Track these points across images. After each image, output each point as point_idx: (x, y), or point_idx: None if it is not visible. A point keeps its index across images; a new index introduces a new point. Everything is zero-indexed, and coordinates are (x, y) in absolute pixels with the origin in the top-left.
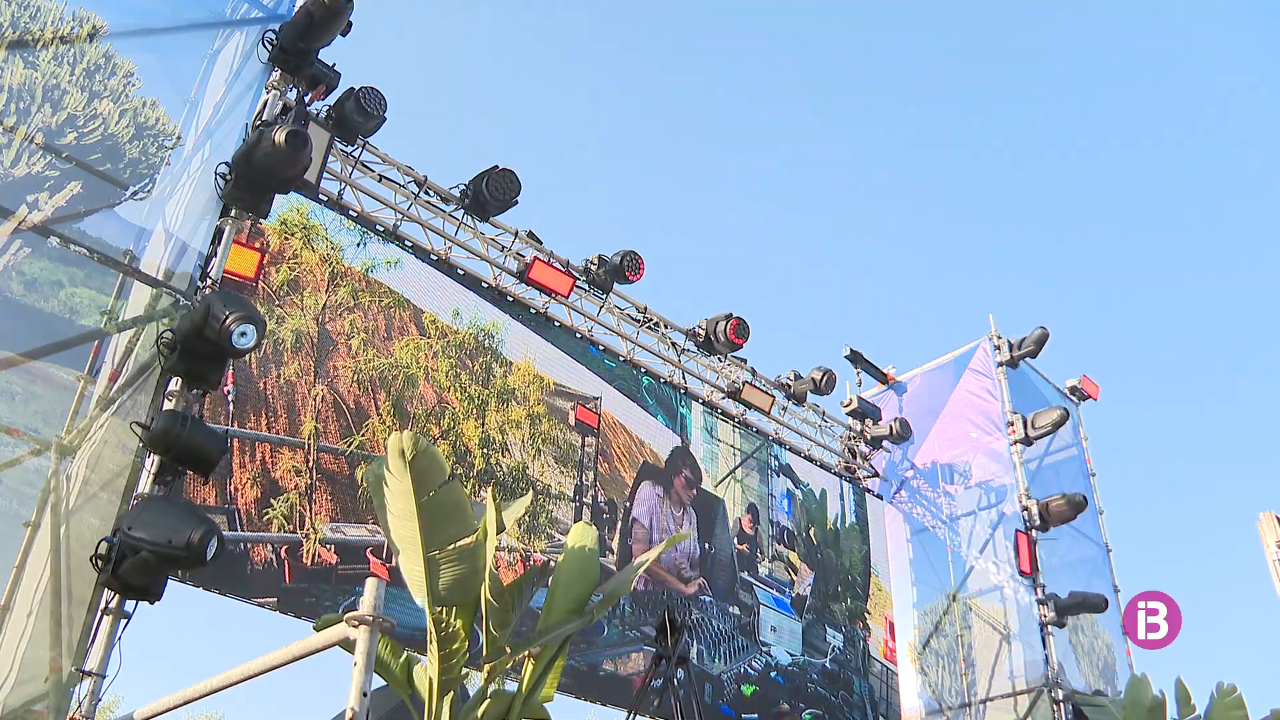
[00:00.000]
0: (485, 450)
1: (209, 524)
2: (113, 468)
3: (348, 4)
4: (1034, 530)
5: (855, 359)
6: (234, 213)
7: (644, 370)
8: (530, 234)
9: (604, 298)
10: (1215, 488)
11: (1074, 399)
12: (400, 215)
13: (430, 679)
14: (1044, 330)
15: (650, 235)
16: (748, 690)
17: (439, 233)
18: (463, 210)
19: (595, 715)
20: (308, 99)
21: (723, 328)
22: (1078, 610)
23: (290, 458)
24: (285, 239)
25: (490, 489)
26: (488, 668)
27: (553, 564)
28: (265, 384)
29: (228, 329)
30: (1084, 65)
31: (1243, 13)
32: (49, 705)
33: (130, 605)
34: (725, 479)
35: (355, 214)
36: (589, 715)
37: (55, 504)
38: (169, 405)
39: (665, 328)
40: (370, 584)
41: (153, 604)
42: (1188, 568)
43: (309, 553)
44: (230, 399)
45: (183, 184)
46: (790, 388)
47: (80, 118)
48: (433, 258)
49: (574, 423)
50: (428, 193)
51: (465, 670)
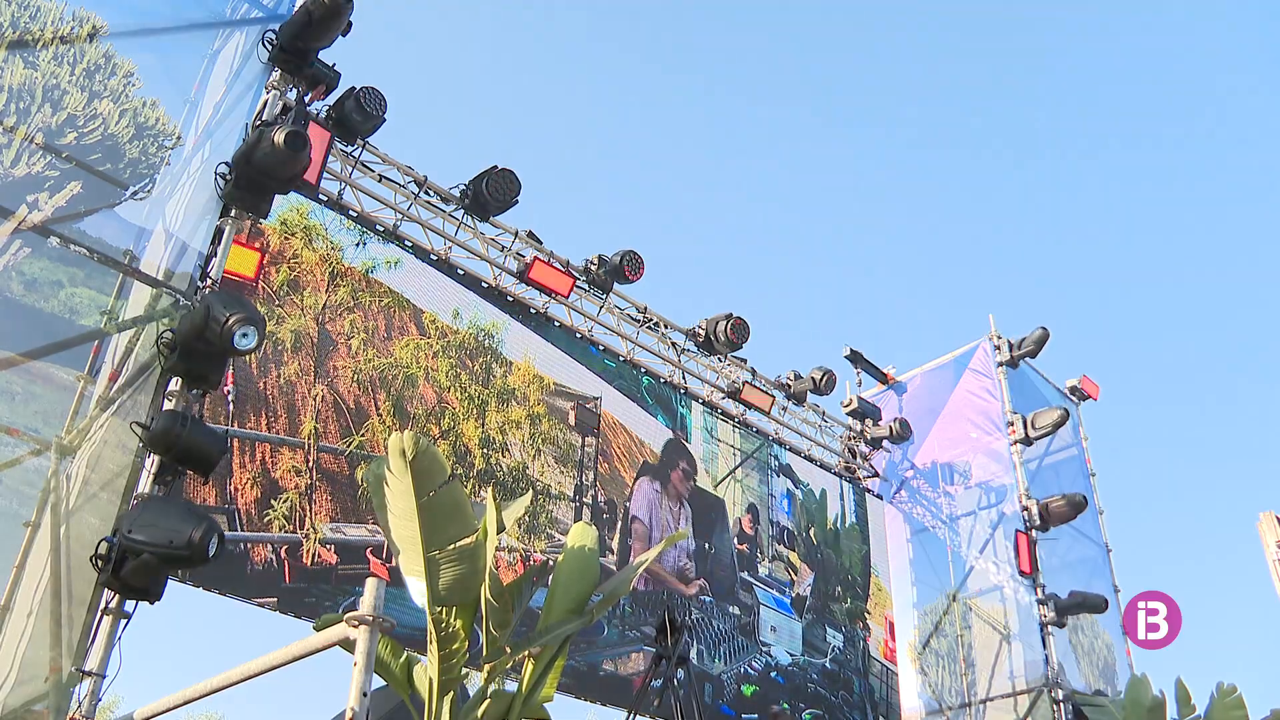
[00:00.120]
0: (485, 450)
1: (209, 521)
2: (113, 468)
3: (347, 4)
4: (1034, 530)
5: (855, 359)
6: (234, 213)
7: (644, 370)
8: (530, 234)
9: (604, 298)
10: (1215, 488)
11: (1074, 399)
12: (400, 215)
13: (430, 679)
14: (1044, 330)
15: (650, 235)
16: (748, 690)
17: (439, 233)
18: (463, 210)
19: (595, 715)
20: (308, 99)
21: (723, 328)
22: (1078, 610)
23: (290, 458)
24: (285, 239)
25: (490, 489)
26: (488, 668)
27: (552, 564)
28: (265, 384)
29: (229, 330)
30: (1084, 65)
31: (1243, 13)
32: (49, 705)
33: (130, 605)
34: (725, 479)
35: (355, 214)
36: (589, 715)
37: (55, 504)
38: (169, 405)
39: (665, 328)
40: (370, 584)
41: (153, 604)
42: (1188, 568)
43: (309, 553)
44: (230, 399)
45: (183, 184)
46: (790, 388)
47: (80, 118)
48: (433, 258)
49: (574, 423)
50: (428, 193)
51: (465, 670)
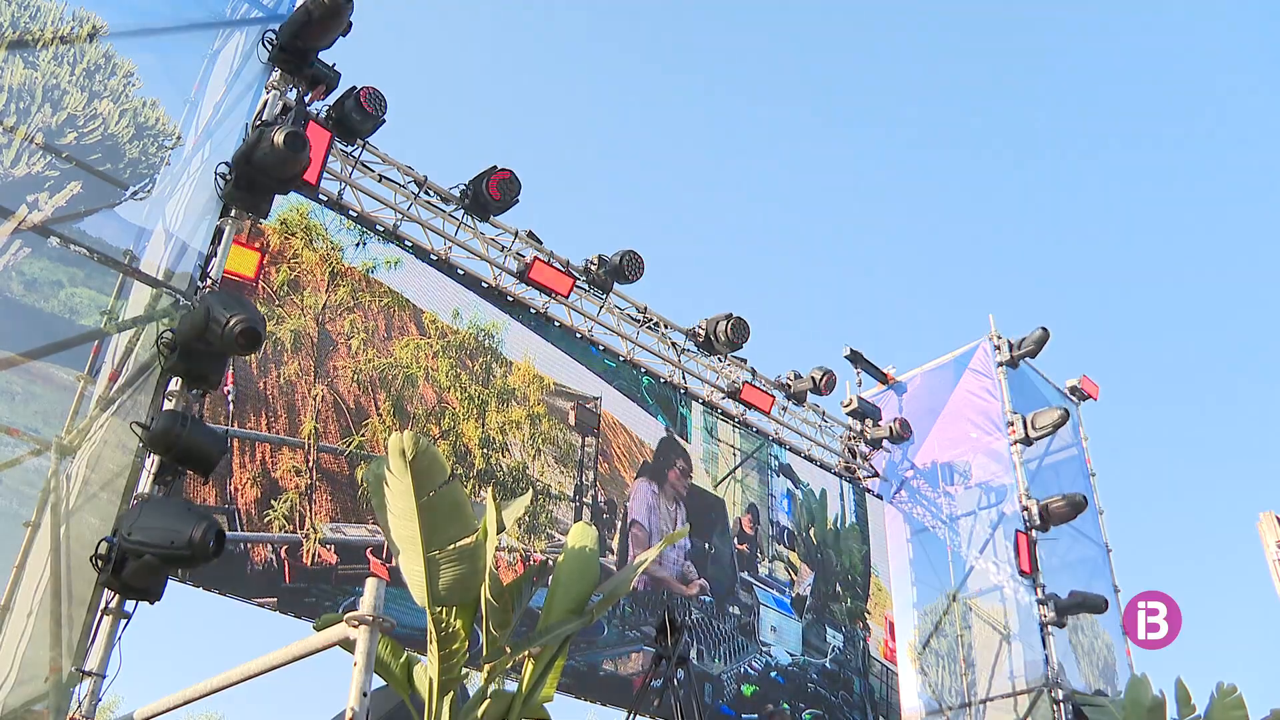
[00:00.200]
0: (485, 450)
1: (208, 518)
2: (113, 468)
3: (347, 4)
4: (1034, 530)
5: (855, 359)
6: (234, 213)
7: (644, 370)
8: (530, 234)
9: (604, 298)
10: (1215, 488)
11: (1074, 399)
12: (400, 215)
13: (430, 679)
14: (1044, 330)
15: (650, 235)
16: (748, 690)
17: (439, 233)
18: (463, 210)
19: (595, 715)
20: (308, 99)
21: (723, 328)
22: (1078, 610)
23: (290, 458)
24: (285, 239)
25: (490, 489)
26: (488, 668)
27: (552, 564)
28: (265, 384)
29: (231, 331)
30: (1084, 65)
31: (1243, 13)
32: (49, 705)
33: (130, 605)
34: (725, 479)
35: (355, 214)
36: (589, 715)
37: (55, 504)
38: (169, 405)
39: (665, 328)
40: (370, 584)
41: (153, 604)
42: (1188, 568)
43: (309, 553)
44: (230, 399)
45: (183, 184)
46: (790, 388)
47: (80, 118)
48: (433, 258)
49: (574, 423)
50: (428, 193)
51: (465, 670)
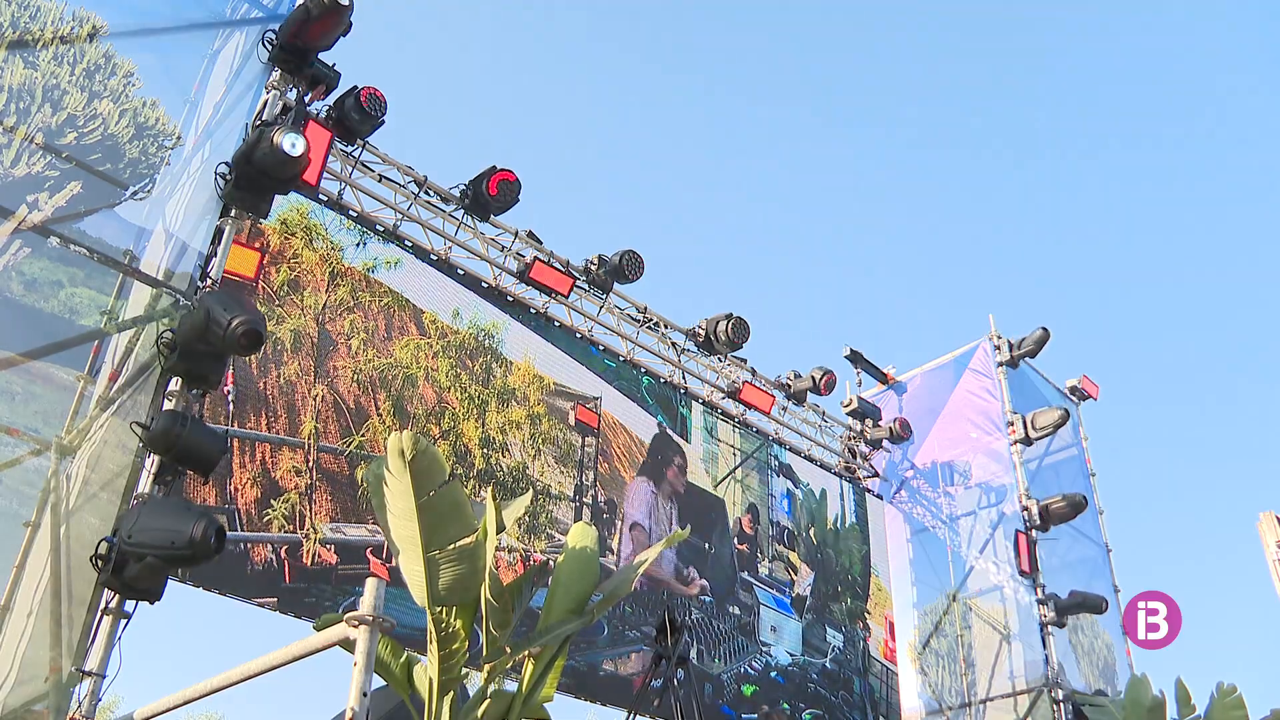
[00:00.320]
0: (485, 450)
1: (207, 515)
2: (113, 468)
3: (347, 4)
4: (1034, 530)
5: (855, 359)
6: (234, 213)
7: (644, 370)
8: (530, 234)
9: (604, 298)
10: (1215, 488)
11: (1074, 399)
12: (400, 215)
13: (430, 679)
14: (1044, 330)
15: (650, 235)
16: (748, 690)
17: (439, 233)
18: (463, 210)
19: (595, 715)
20: (308, 99)
21: (723, 328)
22: (1078, 610)
23: (290, 458)
24: (285, 239)
25: (490, 489)
26: (488, 668)
27: (552, 564)
28: (265, 384)
29: (233, 332)
30: (1084, 65)
31: (1243, 13)
32: (49, 705)
33: (130, 605)
34: (725, 479)
35: (355, 214)
36: (589, 715)
37: (55, 504)
38: (169, 405)
39: (665, 328)
40: (370, 584)
41: (153, 604)
42: (1188, 568)
43: (309, 553)
44: (230, 399)
45: (183, 184)
46: (790, 388)
47: (80, 118)
48: (433, 258)
49: (574, 423)
50: (428, 193)
51: (465, 670)
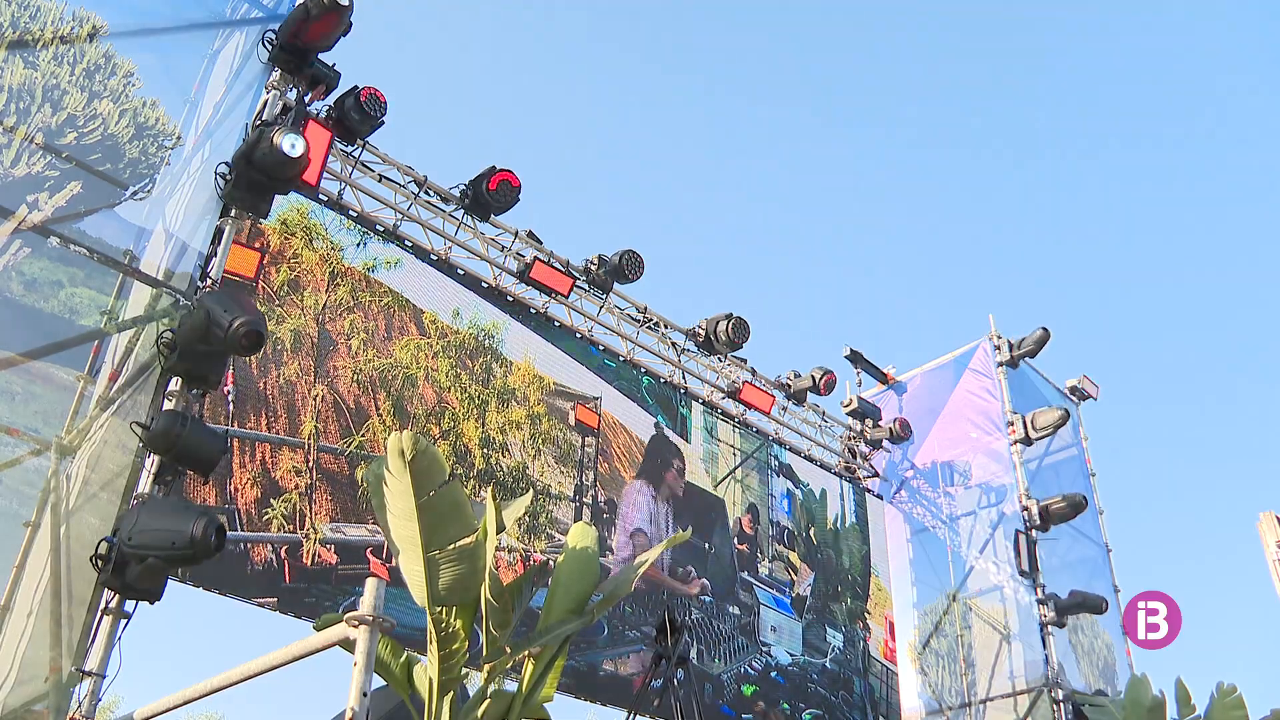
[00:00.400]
0: (485, 450)
1: (206, 513)
2: (113, 468)
3: (347, 4)
4: (1034, 530)
5: (855, 359)
6: (234, 213)
7: (644, 370)
8: (530, 234)
9: (604, 298)
10: (1215, 488)
11: (1074, 399)
12: (400, 215)
13: (430, 679)
14: (1044, 330)
15: (650, 235)
16: (748, 690)
17: (439, 233)
18: (463, 210)
19: (595, 715)
20: (308, 99)
21: (723, 328)
22: (1078, 610)
23: (290, 458)
24: (285, 239)
25: (490, 489)
26: (488, 668)
27: (552, 564)
28: (265, 384)
29: (236, 332)
30: (1084, 65)
31: (1243, 13)
32: (49, 705)
33: (130, 605)
34: (725, 479)
35: (355, 214)
36: (589, 715)
37: (55, 504)
38: (169, 405)
39: (665, 328)
40: (370, 584)
41: (153, 604)
42: (1188, 568)
43: (309, 553)
44: (230, 399)
45: (183, 184)
46: (790, 388)
47: (80, 118)
48: (433, 258)
49: (574, 423)
50: (428, 193)
51: (465, 670)
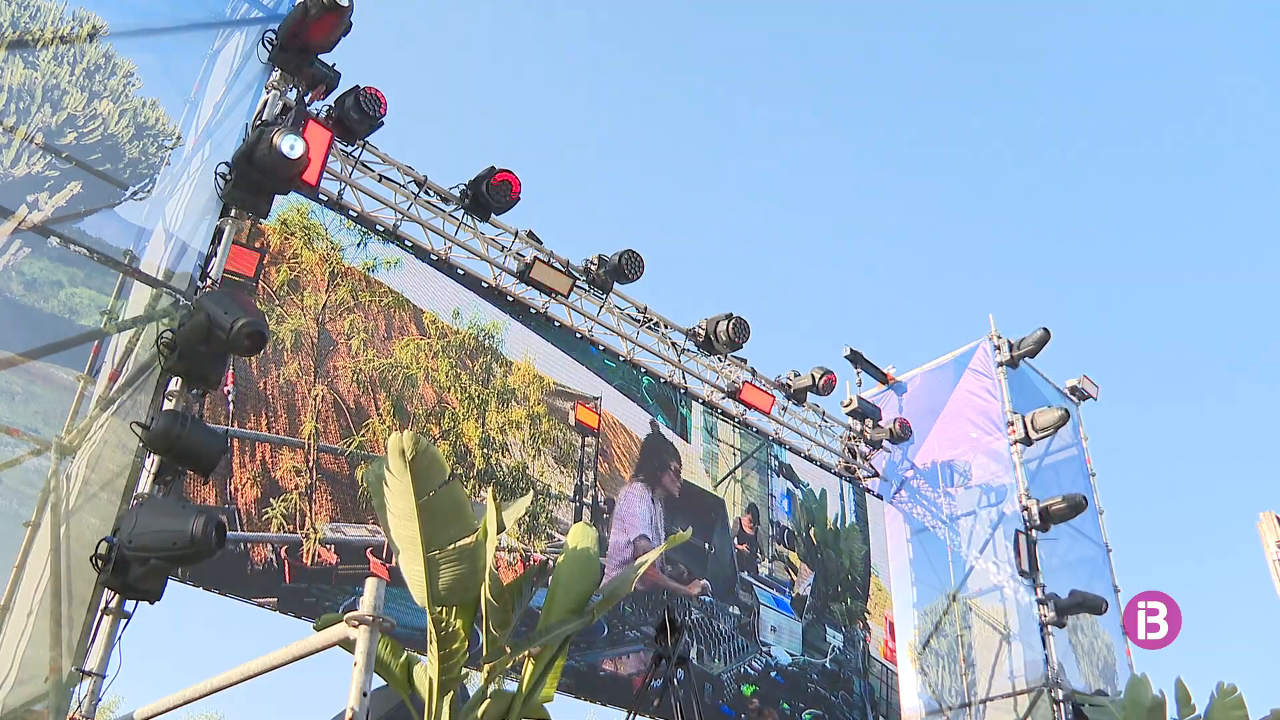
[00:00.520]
0: (485, 450)
1: (205, 512)
2: (113, 468)
3: (347, 4)
4: (1034, 530)
5: (855, 359)
6: (234, 213)
7: (644, 370)
8: (530, 234)
9: (604, 298)
10: (1215, 488)
11: (1074, 399)
12: (400, 215)
13: (430, 679)
14: (1044, 331)
15: (650, 235)
16: (748, 690)
17: (439, 233)
18: (463, 210)
19: (595, 715)
20: (308, 99)
21: (723, 328)
22: (1078, 610)
23: (290, 458)
24: (285, 239)
25: (490, 489)
26: (488, 668)
27: (552, 564)
28: (265, 384)
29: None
30: (1084, 65)
31: (1243, 13)
32: (49, 705)
33: (130, 605)
34: (725, 479)
35: (355, 214)
36: (589, 715)
37: (55, 504)
38: (169, 405)
39: (665, 328)
40: (370, 584)
41: (153, 604)
42: (1188, 568)
43: (309, 553)
44: (230, 399)
45: (183, 184)
46: (790, 387)
47: (80, 118)
48: (433, 258)
49: (574, 423)
50: (428, 193)
51: (465, 670)
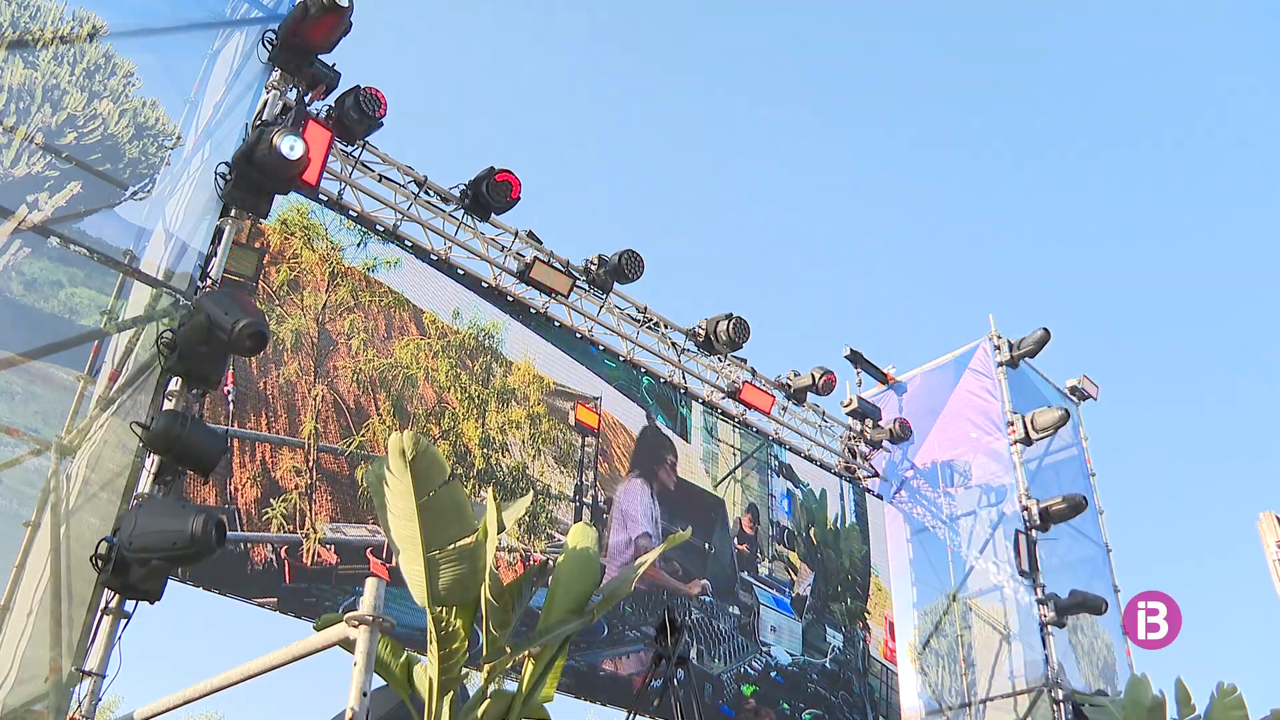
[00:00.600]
0: (485, 450)
1: (204, 511)
2: (113, 468)
3: (346, 4)
4: (1034, 530)
5: (855, 359)
6: (234, 213)
7: (644, 370)
8: (530, 234)
9: (604, 298)
10: (1215, 488)
11: (1074, 399)
12: (400, 215)
13: (430, 679)
14: (1044, 331)
15: (650, 235)
16: (748, 690)
17: (439, 233)
18: (463, 210)
19: (595, 715)
20: (308, 99)
21: (723, 328)
22: (1078, 610)
23: (290, 458)
24: (285, 239)
25: (490, 489)
26: (488, 668)
27: (552, 564)
28: (265, 384)
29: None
30: (1084, 65)
31: (1243, 13)
32: (49, 705)
33: (130, 605)
34: (725, 479)
35: (355, 214)
36: (589, 715)
37: (55, 504)
38: (169, 405)
39: (665, 328)
40: (370, 584)
41: (153, 604)
42: (1188, 568)
43: (309, 553)
44: (230, 399)
45: (183, 184)
46: (790, 387)
47: (80, 118)
48: (433, 258)
49: (574, 423)
50: (428, 193)
51: (465, 670)
